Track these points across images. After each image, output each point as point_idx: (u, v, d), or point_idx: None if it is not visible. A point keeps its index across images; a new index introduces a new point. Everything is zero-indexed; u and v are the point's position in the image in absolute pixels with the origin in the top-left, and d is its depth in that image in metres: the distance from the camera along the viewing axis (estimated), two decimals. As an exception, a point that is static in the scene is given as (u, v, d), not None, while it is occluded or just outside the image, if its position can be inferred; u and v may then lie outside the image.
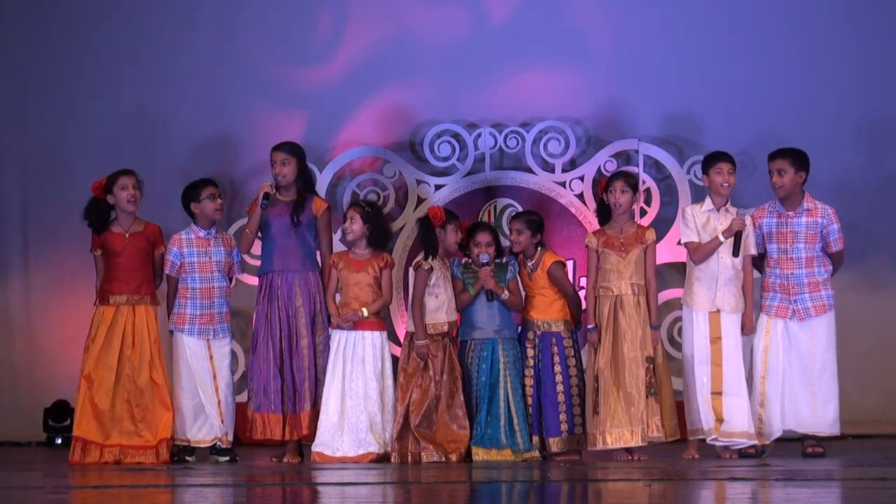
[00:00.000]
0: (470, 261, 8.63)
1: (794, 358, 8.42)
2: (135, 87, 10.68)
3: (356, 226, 8.60)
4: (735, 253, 8.32)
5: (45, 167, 10.69)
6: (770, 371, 8.41)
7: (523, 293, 8.65)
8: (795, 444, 8.52)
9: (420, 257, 8.58)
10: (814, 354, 8.41)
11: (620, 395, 8.30)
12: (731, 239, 8.32)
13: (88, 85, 10.70)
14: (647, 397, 8.29)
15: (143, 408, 8.52)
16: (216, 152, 10.53)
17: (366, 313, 8.52)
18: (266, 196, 8.61)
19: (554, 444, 8.47)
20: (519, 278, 8.64)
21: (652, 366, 8.34)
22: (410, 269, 8.68)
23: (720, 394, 8.34)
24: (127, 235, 8.62)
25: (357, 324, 8.54)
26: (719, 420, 8.32)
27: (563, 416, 8.48)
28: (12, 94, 10.76)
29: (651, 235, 8.51)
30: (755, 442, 8.34)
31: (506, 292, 8.51)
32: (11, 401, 10.62)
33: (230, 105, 10.61)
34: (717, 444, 8.34)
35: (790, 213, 8.45)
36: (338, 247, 8.97)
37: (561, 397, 8.49)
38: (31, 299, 10.69)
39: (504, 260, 8.65)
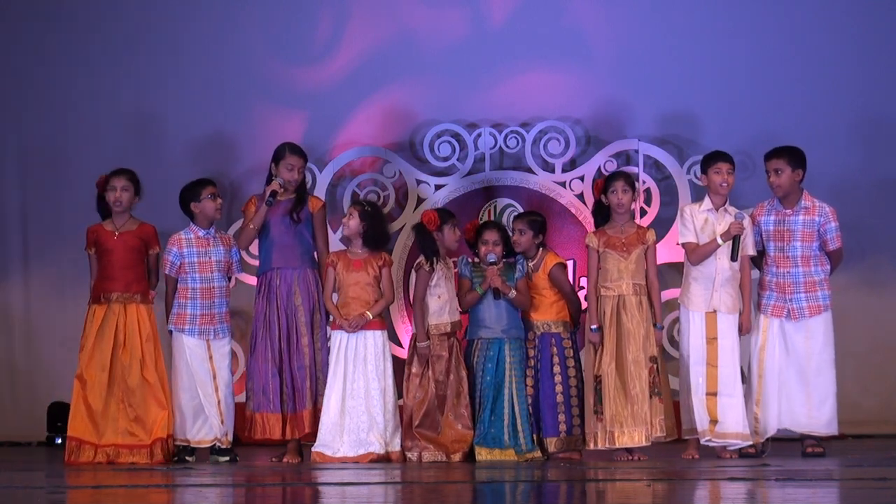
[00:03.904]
0: (479, 259, 8.63)
1: (790, 357, 8.42)
2: (135, 87, 10.67)
3: (353, 222, 8.60)
4: (733, 258, 8.32)
5: (45, 167, 10.69)
6: (766, 370, 8.41)
7: (523, 293, 8.66)
8: (795, 444, 8.52)
9: (421, 259, 8.59)
10: (810, 354, 8.40)
11: (626, 396, 8.30)
12: (729, 242, 8.31)
13: (88, 85, 10.69)
14: (650, 397, 8.29)
15: (136, 407, 8.52)
16: (215, 152, 10.53)
17: (371, 316, 8.53)
18: (273, 194, 8.62)
19: (551, 444, 8.49)
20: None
21: (656, 365, 8.34)
22: (412, 271, 8.69)
23: (715, 394, 8.33)
24: (116, 233, 8.63)
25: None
26: (713, 421, 8.31)
27: (561, 417, 8.50)
28: (12, 93, 10.75)
29: (651, 236, 8.52)
30: (749, 443, 8.33)
31: (513, 291, 8.50)
32: (11, 401, 10.63)
33: (230, 105, 10.61)
34: (711, 444, 8.34)
35: (788, 211, 8.45)
36: (337, 246, 8.97)
37: (559, 398, 8.51)
38: (31, 299, 10.69)
39: (513, 259, 8.64)
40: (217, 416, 8.60)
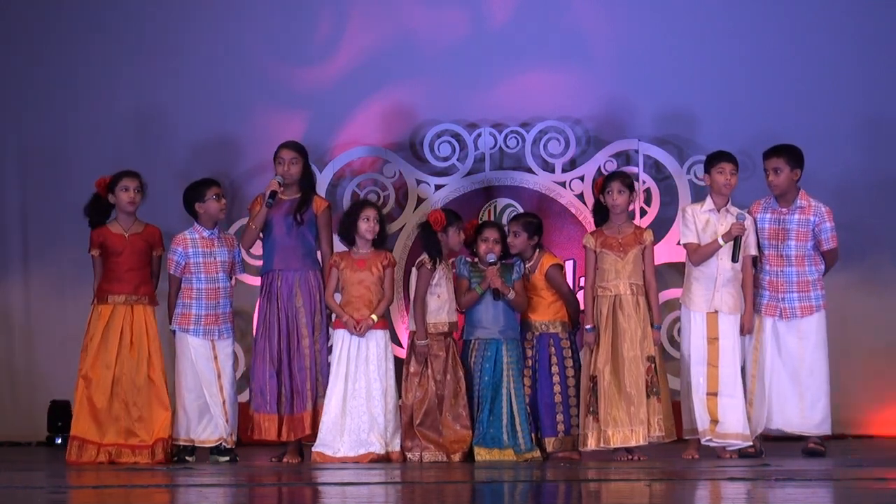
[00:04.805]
0: (477, 260, 8.63)
1: (783, 358, 8.41)
2: (135, 87, 10.67)
3: (377, 226, 8.61)
4: (734, 258, 8.31)
5: (45, 167, 10.70)
6: (760, 369, 8.41)
7: (521, 294, 8.66)
8: (795, 444, 8.53)
9: (424, 257, 8.59)
10: (802, 355, 8.40)
11: (621, 396, 8.30)
12: (731, 243, 8.31)
13: (88, 85, 10.69)
14: (648, 397, 8.29)
15: (140, 407, 8.53)
16: (216, 152, 10.53)
17: (375, 319, 8.53)
18: (273, 194, 8.63)
19: (550, 444, 8.50)
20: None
21: (653, 365, 8.34)
22: (413, 269, 8.70)
23: (715, 394, 8.33)
24: (126, 235, 8.63)
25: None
26: (714, 421, 8.31)
27: (559, 417, 8.51)
28: (13, 93, 10.76)
29: (649, 236, 8.52)
30: (750, 443, 8.33)
31: (512, 292, 8.51)
32: (11, 401, 10.63)
33: (230, 105, 10.61)
34: (712, 444, 8.34)
35: (783, 209, 8.45)
36: (338, 247, 8.97)
37: (558, 398, 8.51)
38: (31, 299, 10.69)
39: (510, 261, 8.65)
40: (222, 415, 8.60)
